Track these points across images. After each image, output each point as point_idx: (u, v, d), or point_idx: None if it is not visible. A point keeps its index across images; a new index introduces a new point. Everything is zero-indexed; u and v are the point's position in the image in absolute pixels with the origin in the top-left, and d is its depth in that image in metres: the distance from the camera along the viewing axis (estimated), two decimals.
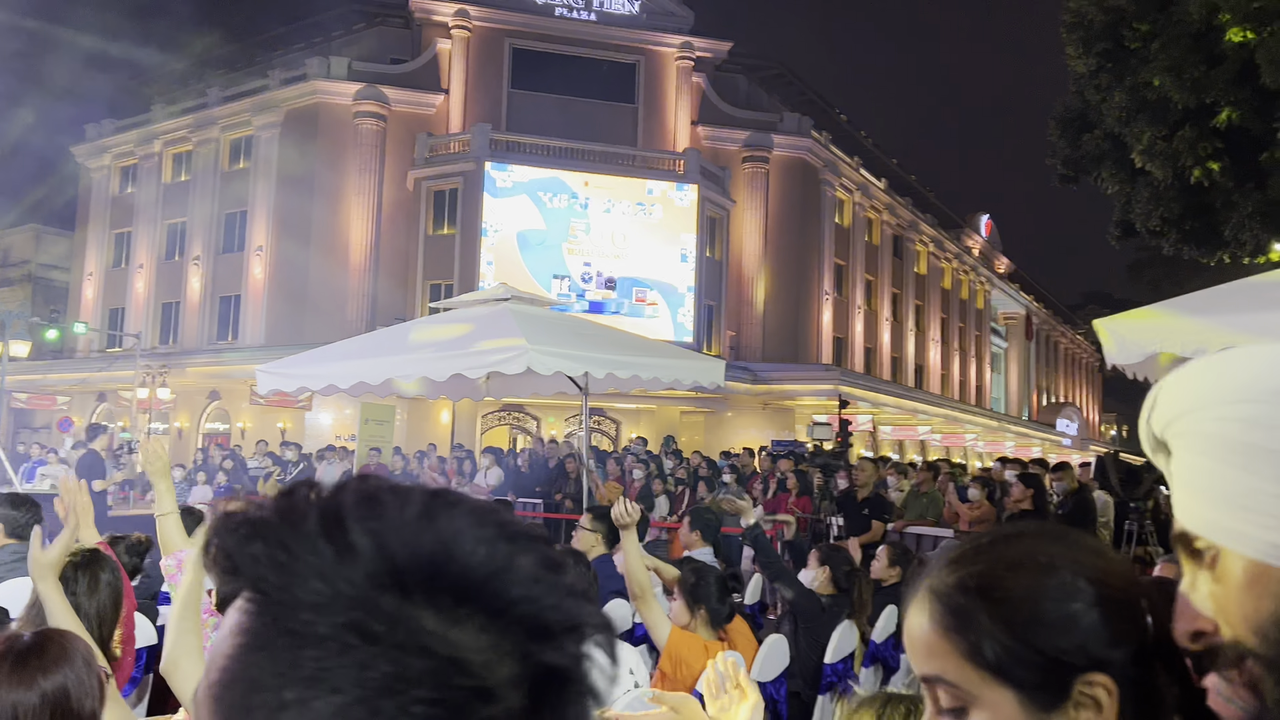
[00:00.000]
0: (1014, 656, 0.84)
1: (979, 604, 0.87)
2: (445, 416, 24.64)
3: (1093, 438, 53.48)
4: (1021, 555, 0.89)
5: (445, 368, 6.73)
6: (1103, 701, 0.84)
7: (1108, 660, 0.84)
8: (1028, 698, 0.84)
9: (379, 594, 0.50)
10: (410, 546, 0.52)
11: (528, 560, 0.54)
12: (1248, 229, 13.79)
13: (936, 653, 0.88)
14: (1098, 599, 0.86)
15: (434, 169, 27.32)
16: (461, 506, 0.55)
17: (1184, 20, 12.92)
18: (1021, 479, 8.09)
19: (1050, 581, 0.87)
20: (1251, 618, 0.71)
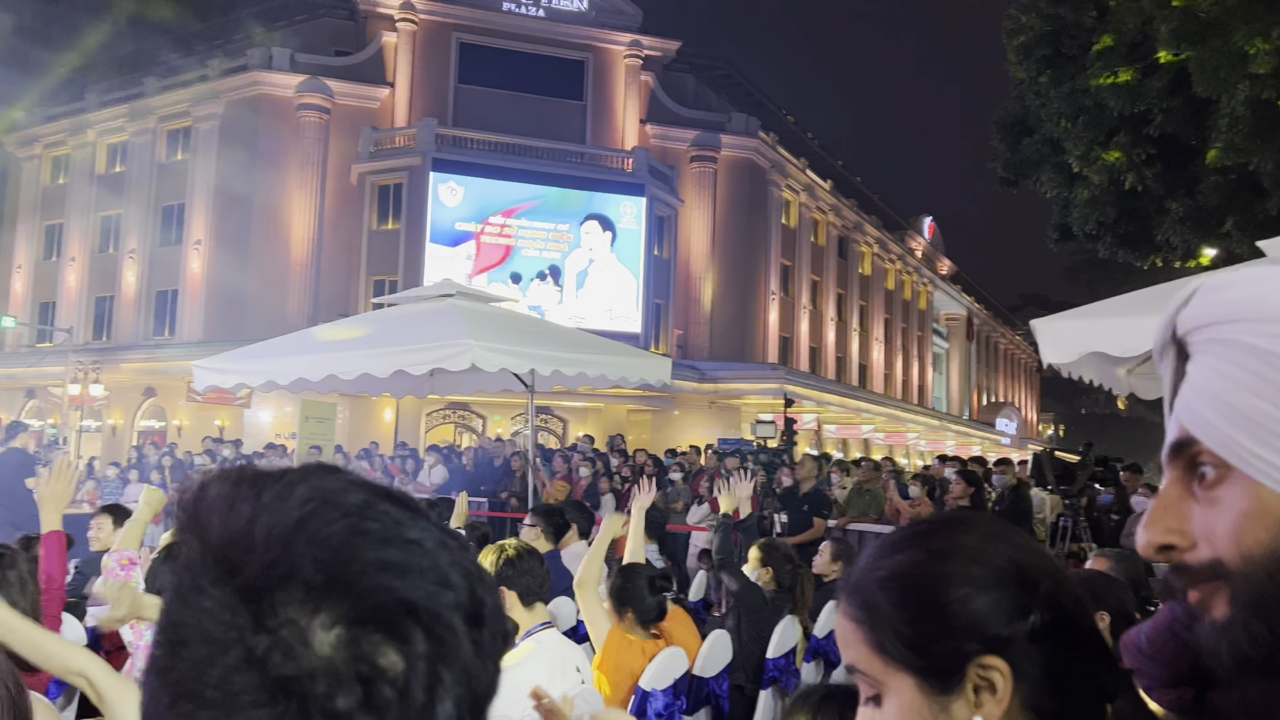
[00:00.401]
0: (908, 643, 0.87)
1: (880, 595, 0.90)
2: (388, 414, 24.34)
3: (1031, 436, 54.66)
4: (926, 547, 0.92)
5: (388, 364, 6.63)
6: (999, 684, 0.85)
7: (1003, 642, 0.86)
8: (926, 683, 0.87)
9: (232, 606, 0.51)
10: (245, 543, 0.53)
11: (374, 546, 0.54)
12: (1178, 234, 14.18)
13: (850, 644, 0.92)
14: (991, 583, 0.88)
15: (379, 163, 26.98)
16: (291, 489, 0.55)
17: (1120, 29, 13.24)
18: (961, 476, 8.23)
19: (944, 568, 0.89)
20: (1246, 546, 0.66)
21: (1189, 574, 0.70)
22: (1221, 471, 0.68)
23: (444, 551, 0.56)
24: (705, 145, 30.55)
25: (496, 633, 0.57)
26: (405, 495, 0.59)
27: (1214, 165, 12.93)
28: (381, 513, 0.55)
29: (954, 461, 12.14)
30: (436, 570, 0.54)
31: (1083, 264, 30.66)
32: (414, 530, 0.55)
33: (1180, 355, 0.73)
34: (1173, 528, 0.71)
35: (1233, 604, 0.67)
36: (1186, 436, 0.70)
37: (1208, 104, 12.74)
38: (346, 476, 0.58)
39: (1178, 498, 0.72)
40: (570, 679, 3.27)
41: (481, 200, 26.62)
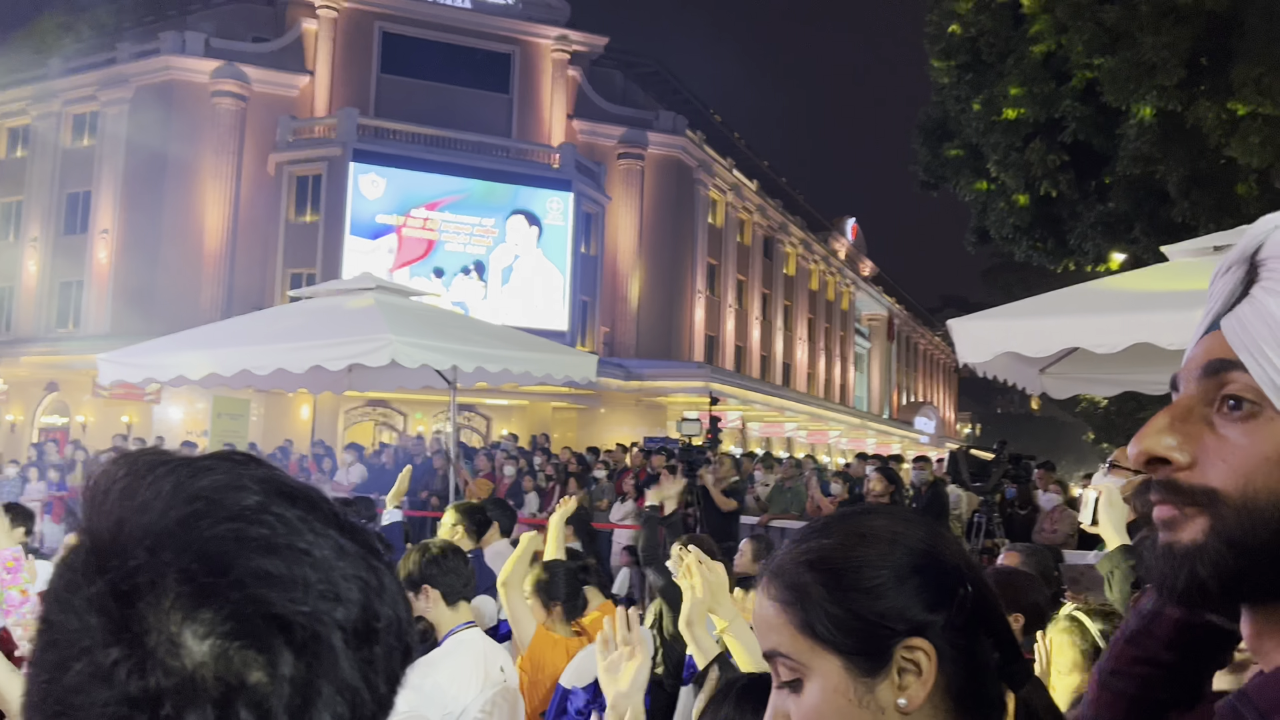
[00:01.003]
0: (838, 624, 0.89)
1: (809, 577, 0.92)
2: (305, 411, 23.79)
3: (949, 435, 56.05)
4: (848, 531, 0.94)
5: (304, 359, 6.44)
6: (923, 666, 0.88)
7: (926, 625, 0.88)
8: (853, 664, 0.89)
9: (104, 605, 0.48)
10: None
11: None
12: (1090, 239, 14.66)
13: (774, 627, 0.93)
14: (915, 567, 0.91)
15: (297, 153, 26.32)
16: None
17: (1035, 38, 13.61)
18: (881, 473, 8.37)
19: (871, 551, 0.92)
20: (1255, 488, 0.64)
21: (1175, 492, 0.68)
22: (1255, 408, 0.65)
23: (341, 562, 0.52)
24: (633, 142, 30.56)
25: (394, 648, 0.54)
26: (312, 496, 0.55)
27: (1123, 173, 13.40)
28: (273, 517, 0.51)
29: (874, 459, 12.36)
30: (324, 583, 0.51)
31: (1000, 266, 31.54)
32: (307, 538, 0.51)
33: (1249, 275, 0.68)
34: (1176, 444, 0.68)
35: (1211, 534, 0.65)
36: (1230, 359, 0.67)
37: (1118, 113, 13.19)
38: (252, 473, 0.53)
39: (1192, 416, 0.68)
40: (493, 678, 3.23)
41: (404, 193, 26.17)
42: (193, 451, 2.32)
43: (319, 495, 0.55)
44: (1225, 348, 0.67)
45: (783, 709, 0.93)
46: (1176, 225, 13.58)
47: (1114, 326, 4.47)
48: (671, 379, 26.30)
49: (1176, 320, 4.31)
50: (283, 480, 0.54)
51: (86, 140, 27.75)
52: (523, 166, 27.82)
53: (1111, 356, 4.75)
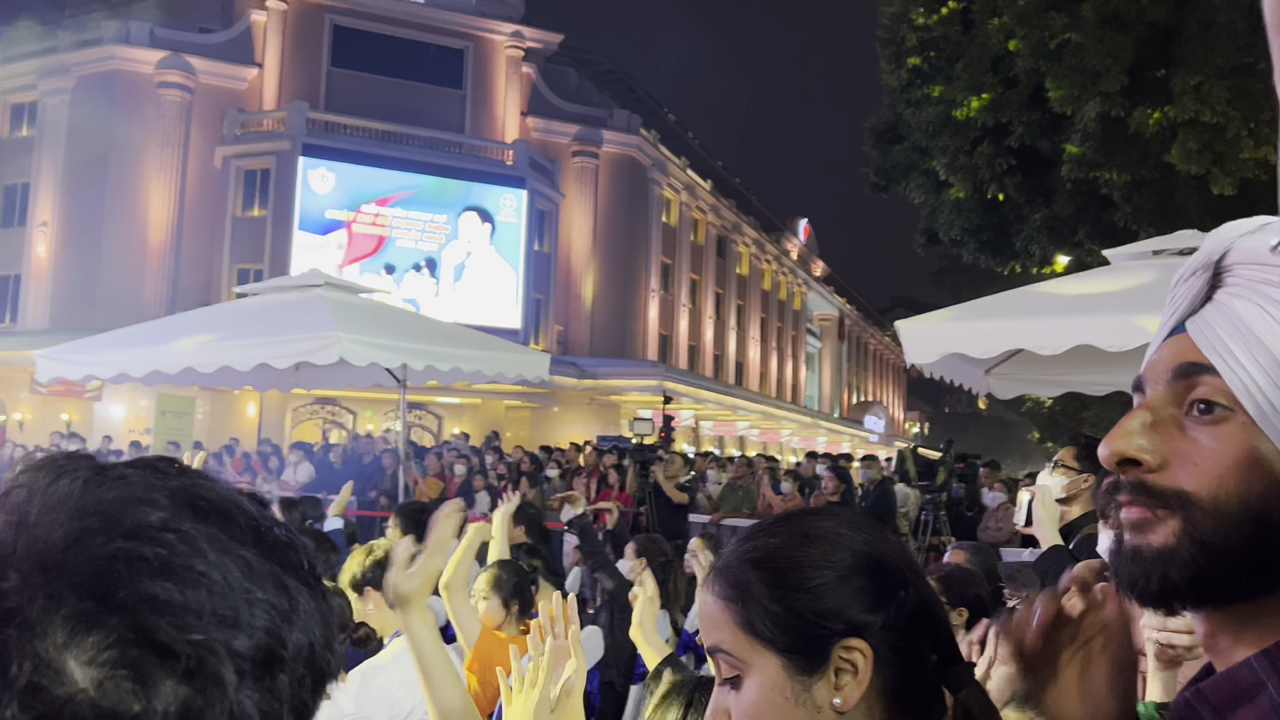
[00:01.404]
0: (778, 622, 0.90)
1: (752, 575, 0.93)
2: (251, 409, 23.40)
3: (898, 434, 56.76)
4: (793, 530, 0.96)
5: (250, 356, 6.33)
6: (860, 665, 0.89)
7: (864, 627, 0.90)
8: (790, 663, 0.90)
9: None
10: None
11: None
12: (1036, 241, 14.93)
13: (717, 623, 0.94)
14: (856, 569, 0.92)
15: (245, 146, 25.86)
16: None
17: (984, 43, 13.83)
18: (833, 472, 8.45)
19: (813, 551, 0.93)
20: (1226, 491, 0.65)
21: (1146, 493, 0.68)
22: (1226, 412, 0.66)
23: (249, 584, 0.49)
24: (587, 140, 30.49)
25: (303, 676, 0.51)
26: (228, 510, 0.52)
27: (1068, 177, 13.67)
28: (174, 535, 0.48)
29: (824, 458, 12.48)
30: (223, 608, 0.48)
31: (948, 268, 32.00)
32: (209, 558, 0.48)
33: (1213, 280, 0.69)
34: (1148, 446, 0.69)
35: (1181, 536, 0.66)
36: (1201, 363, 0.68)
37: (1063, 119, 13.45)
38: (167, 483, 0.50)
39: (1162, 418, 0.69)
40: None
41: (354, 188, 25.85)
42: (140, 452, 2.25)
43: (237, 508, 0.53)
44: (1195, 350, 0.68)
45: (723, 705, 0.94)
46: (1119, 229, 13.89)
47: (1057, 328, 4.55)
48: (625, 378, 26.29)
49: (1117, 323, 4.40)
50: (199, 492, 0.51)
51: (25, 130, 27.01)
52: (476, 163, 27.62)
53: (1054, 357, 4.84)
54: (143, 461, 0.53)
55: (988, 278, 30.60)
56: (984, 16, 13.78)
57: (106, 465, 0.51)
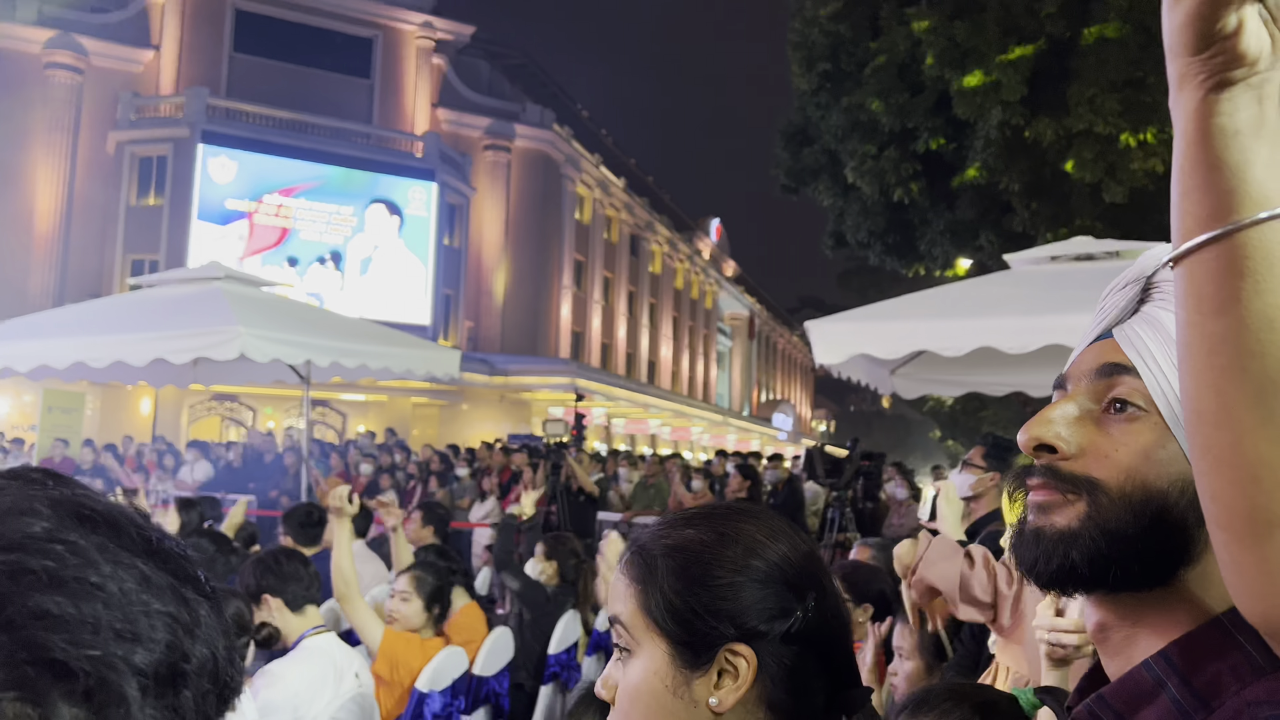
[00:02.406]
0: (673, 612, 0.93)
1: (661, 561, 0.95)
2: (146, 405, 22.50)
3: (805, 432, 57.80)
4: (713, 528, 0.97)
5: (145, 351, 6.06)
6: (741, 672, 0.91)
7: (756, 635, 0.92)
8: (676, 653, 0.93)
9: None
10: None
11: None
12: (939, 245, 15.35)
13: (620, 597, 0.97)
14: (762, 578, 0.93)
15: (140, 132, 24.80)
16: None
17: (892, 50, 14.16)
18: (740, 470, 8.53)
19: (726, 552, 0.94)
20: (1134, 482, 0.69)
21: (1057, 477, 0.72)
22: (1140, 411, 0.71)
23: (145, 595, 0.45)
24: (499, 134, 30.19)
25: (208, 691, 0.48)
26: (117, 519, 0.48)
27: (970, 182, 14.10)
28: (63, 546, 0.44)
29: (734, 456, 12.61)
30: (121, 621, 0.44)
31: (855, 269, 32.67)
32: (103, 570, 0.45)
33: (1143, 294, 0.74)
34: (1065, 435, 0.73)
35: (1086, 520, 0.70)
36: (1123, 364, 0.73)
37: (967, 125, 13.86)
38: (47, 493, 0.47)
39: (1081, 412, 0.74)
40: (347, 684, 3.13)
41: (256, 178, 25.06)
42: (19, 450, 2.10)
43: (126, 518, 0.49)
44: (1118, 353, 0.73)
45: (615, 676, 0.98)
46: (1018, 234, 14.38)
47: (960, 331, 4.68)
48: (537, 375, 26.13)
49: (1017, 326, 4.54)
50: (82, 501, 0.47)
51: None
52: (384, 154, 27.08)
53: (956, 359, 4.97)
54: (13, 472, 0.49)
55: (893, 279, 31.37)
56: (892, 24, 14.10)
57: None
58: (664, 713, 0.93)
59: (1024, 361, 5.13)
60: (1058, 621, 1.43)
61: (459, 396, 25.85)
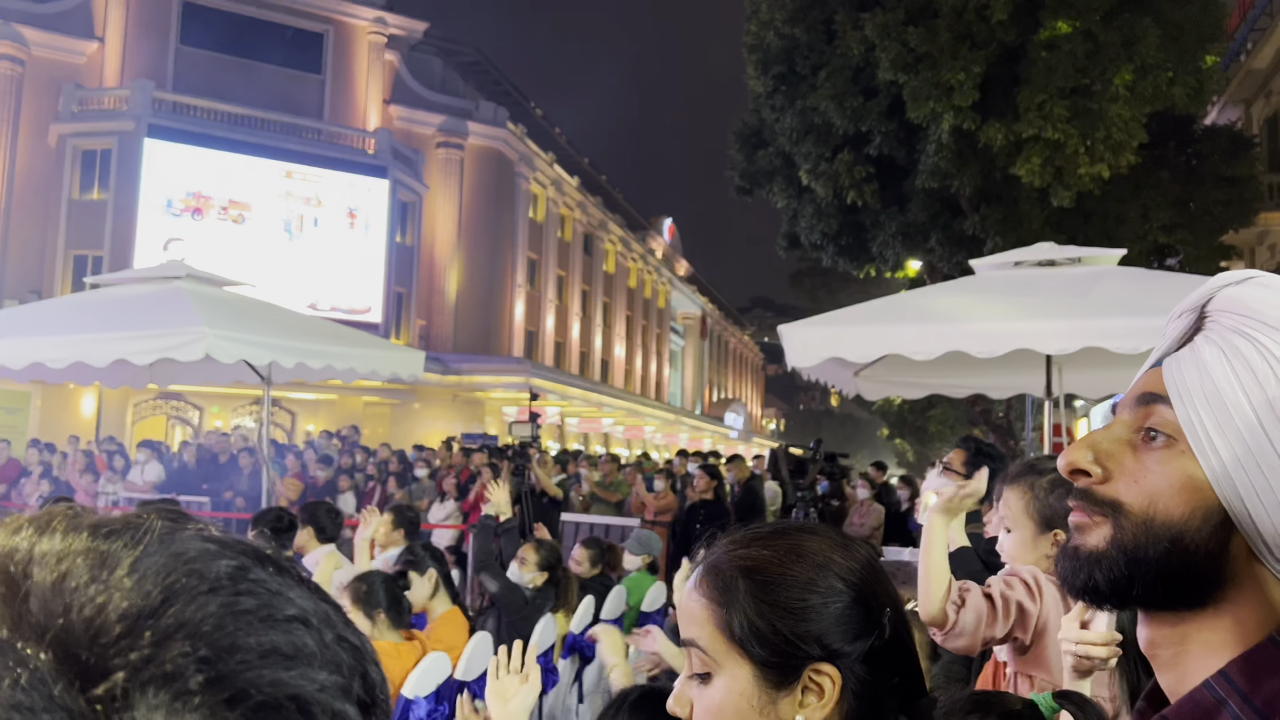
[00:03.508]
0: (758, 635, 0.93)
1: (741, 582, 0.96)
2: (89, 404, 21.94)
3: (756, 431, 58.22)
4: (788, 546, 0.99)
5: (106, 352, 5.94)
6: (826, 690, 0.93)
7: (839, 654, 0.94)
8: (762, 674, 0.93)
9: None
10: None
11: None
12: (890, 246, 15.58)
13: (697, 620, 0.97)
14: (842, 598, 0.96)
15: (83, 125, 24.15)
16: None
17: (846, 54, 14.33)
18: (704, 470, 8.60)
19: (803, 573, 0.96)
20: (1158, 510, 0.73)
21: (1088, 500, 0.77)
22: (1171, 441, 0.74)
23: (328, 627, 0.45)
24: (452, 131, 29.95)
25: (387, 712, 0.48)
26: (267, 552, 0.47)
27: (921, 186, 14.34)
28: (255, 582, 0.44)
29: (695, 456, 12.67)
30: (325, 652, 0.44)
31: (806, 270, 33.00)
32: (293, 600, 0.44)
33: (1197, 324, 0.77)
34: (1100, 460, 0.77)
35: (1112, 544, 0.74)
36: (1160, 394, 0.76)
37: (919, 129, 14.09)
38: (200, 529, 0.45)
39: (1119, 439, 0.77)
40: None
41: (205, 172, 24.55)
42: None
43: (273, 550, 0.48)
44: (1160, 383, 0.76)
45: (688, 696, 0.99)
46: (968, 237, 14.66)
47: (930, 335, 4.79)
48: (490, 374, 25.98)
49: (985, 330, 4.66)
50: (236, 536, 0.47)
51: None
52: (335, 150, 26.71)
53: (920, 361, 5.09)
54: (148, 514, 0.46)
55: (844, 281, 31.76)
56: (846, 28, 14.28)
57: (118, 518, 0.45)
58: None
59: (986, 364, 5.27)
60: (1084, 634, 1.48)
61: (411, 395, 25.62)
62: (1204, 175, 14.92)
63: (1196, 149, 15.47)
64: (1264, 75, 19.54)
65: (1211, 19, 13.95)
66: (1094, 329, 4.54)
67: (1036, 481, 2.00)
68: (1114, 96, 12.89)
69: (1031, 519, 2.00)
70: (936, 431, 25.52)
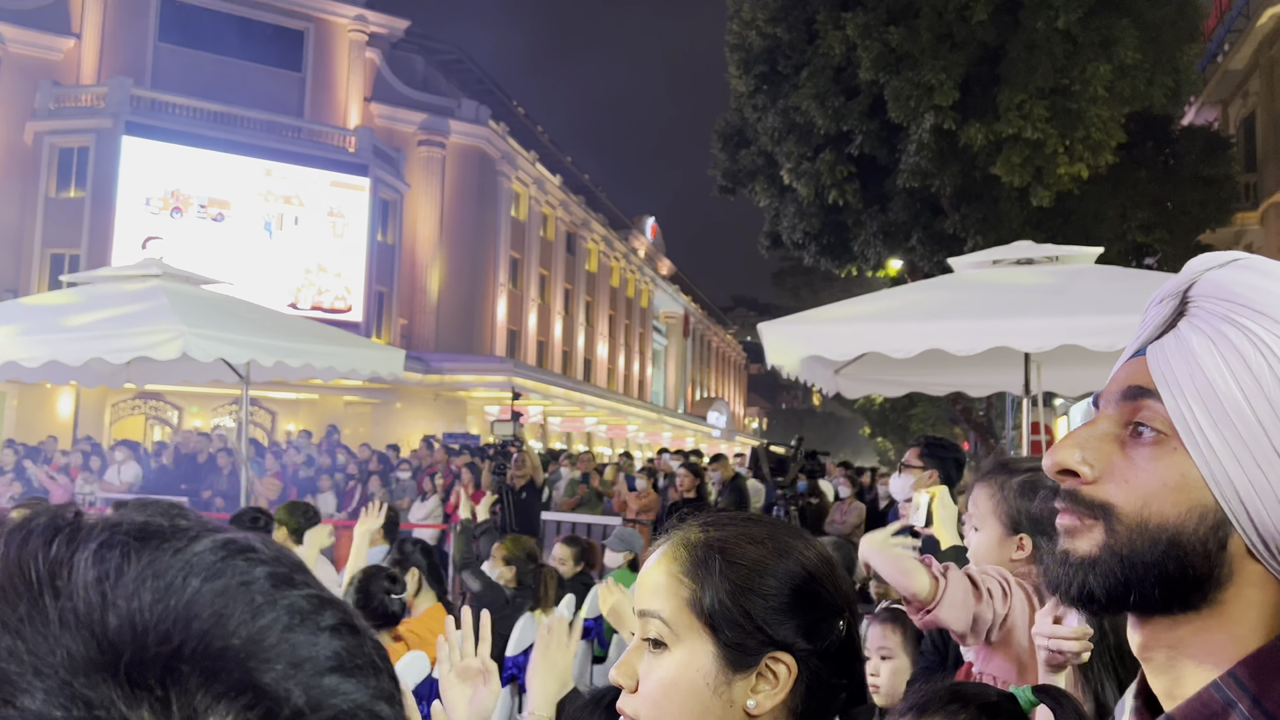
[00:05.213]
0: (726, 613, 0.95)
1: (717, 560, 0.97)
2: (66, 403, 21.74)
3: (739, 429, 58.32)
4: (764, 535, 1.01)
5: (81, 350, 5.88)
6: (781, 679, 0.96)
7: (798, 647, 0.96)
8: (723, 654, 0.95)
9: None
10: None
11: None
12: (872, 246, 15.63)
13: (663, 591, 0.98)
14: (810, 594, 0.99)
15: (60, 122, 23.90)
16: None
17: (828, 54, 14.36)
18: (687, 468, 8.60)
19: (780, 564, 0.98)
20: (1150, 512, 0.69)
21: (1077, 502, 0.72)
22: (1162, 437, 0.70)
23: (368, 637, 0.44)
24: (433, 130, 29.84)
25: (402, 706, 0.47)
26: (291, 558, 0.45)
27: (902, 185, 14.39)
28: (303, 588, 0.43)
29: (677, 455, 12.68)
30: (367, 655, 0.43)
31: (788, 269, 33.12)
32: (334, 612, 0.43)
33: (1180, 308, 0.72)
34: (1088, 459, 0.72)
35: (1105, 548, 0.70)
36: (1148, 388, 0.71)
37: (900, 129, 14.14)
38: (243, 540, 0.44)
39: (1106, 435, 0.73)
40: None
41: (183, 170, 24.35)
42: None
43: (295, 559, 0.45)
44: (1146, 375, 0.71)
45: (636, 663, 1.00)
46: (948, 236, 14.74)
47: (909, 333, 4.80)
48: (472, 373, 25.91)
49: (964, 328, 4.68)
50: (264, 546, 0.44)
51: None
52: (316, 148, 26.56)
53: (899, 359, 5.11)
54: (177, 515, 0.44)
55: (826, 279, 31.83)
56: (828, 28, 14.31)
57: (172, 525, 0.43)
58: (700, 709, 0.96)
59: (965, 362, 5.29)
60: (1057, 629, 1.48)
61: (392, 395, 25.51)
62: (1181, 175, 15.06)
63: (1174, 149, 15.61)
64: (1240, 76, 19.74)
65: (1188, 20, 14.07)
66: (1071, 327, 4.57)
67: (1007, 482, 1.97)
68: (1093, 97, 12.99)
69: (999, 520, 1.98)
70: (918, 429, 25.65)
